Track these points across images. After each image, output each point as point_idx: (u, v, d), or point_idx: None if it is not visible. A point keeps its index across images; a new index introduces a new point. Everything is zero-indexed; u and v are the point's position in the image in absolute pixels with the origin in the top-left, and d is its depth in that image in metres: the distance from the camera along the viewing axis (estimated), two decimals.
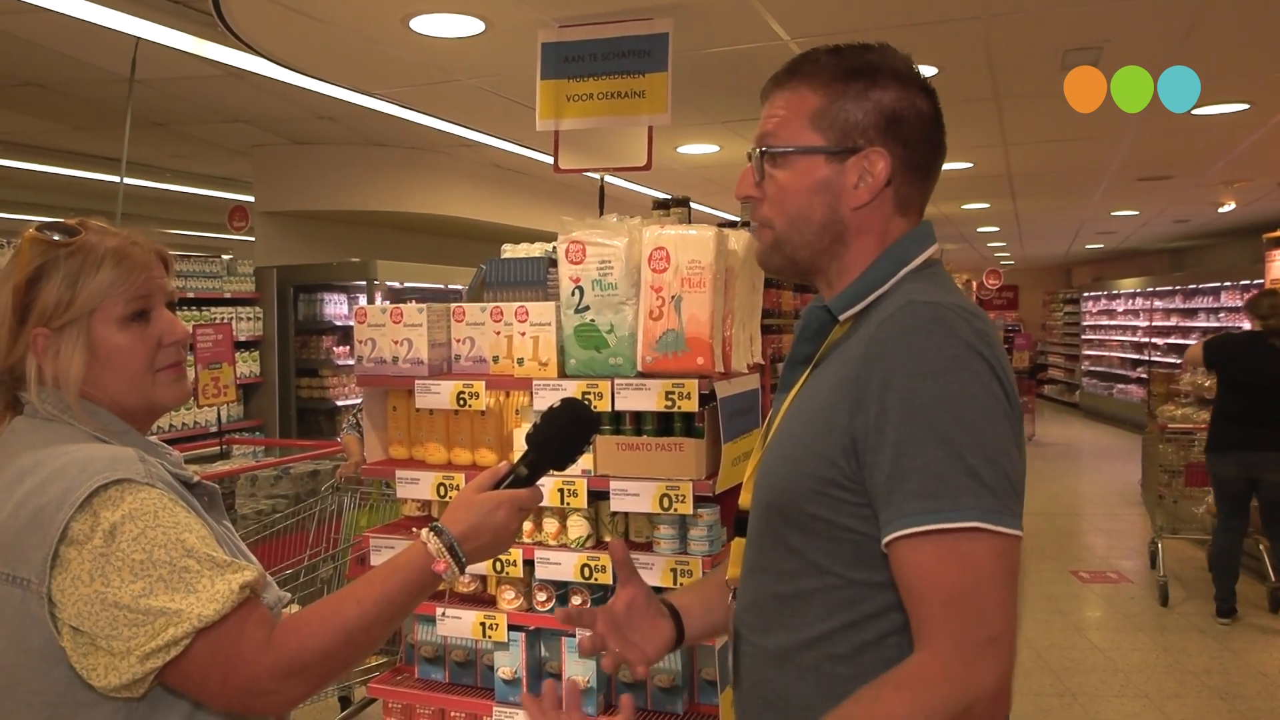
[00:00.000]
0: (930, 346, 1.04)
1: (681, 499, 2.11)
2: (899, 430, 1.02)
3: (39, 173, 7.56)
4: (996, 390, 1.04)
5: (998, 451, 1.02)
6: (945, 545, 1.00)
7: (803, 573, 1.13)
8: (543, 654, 2.41)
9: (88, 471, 1.10)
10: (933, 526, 1.00)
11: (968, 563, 0.99)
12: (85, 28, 3.80)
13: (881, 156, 1.16)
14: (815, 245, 1.20)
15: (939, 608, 1.00)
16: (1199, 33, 3.76)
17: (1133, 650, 5.00)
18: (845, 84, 1.17)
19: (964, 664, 0.98)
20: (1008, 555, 1.00)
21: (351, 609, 1.17)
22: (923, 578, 1.01)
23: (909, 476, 1.01)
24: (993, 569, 0.99)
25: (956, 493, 0.99)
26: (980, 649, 0.98)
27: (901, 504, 1.01)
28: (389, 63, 4.04)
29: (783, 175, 1.20)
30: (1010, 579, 1.00)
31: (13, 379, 1.23)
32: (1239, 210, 9.58)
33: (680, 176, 7.14)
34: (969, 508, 0.99)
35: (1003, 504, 1.00)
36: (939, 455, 1.00)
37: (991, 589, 0.99)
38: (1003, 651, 0.99)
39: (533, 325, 2.24)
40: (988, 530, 0.99)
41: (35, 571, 1.07)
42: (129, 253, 1.24)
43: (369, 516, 3.92)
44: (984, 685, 0.98)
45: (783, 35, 3.64)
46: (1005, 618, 0.99)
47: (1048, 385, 18.64)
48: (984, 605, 0.99)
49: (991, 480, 1.00)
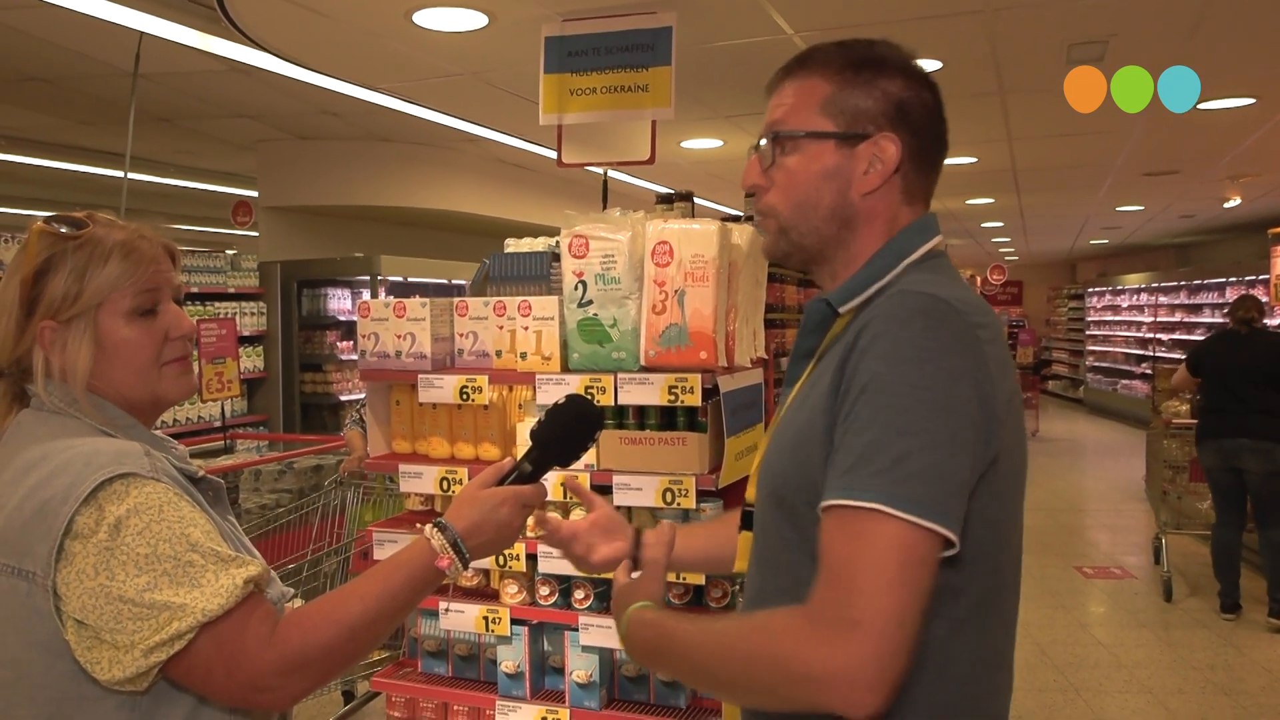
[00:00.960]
0: (905, 335, 1.04)
1: (684, 493, 2.11)
2: (849, 409, 1.03)
3: (43, 168, 7.58)
4: (962, 390, 1.02)
5: (933, 445, 0.99)
6: (846, 520, 0.99)
7: (801, 563, 1.13)
8: (546, 648, 2.41)
9: (93, 465, 1.10)
10: (841, 501, 0.99)
11: (859, 542, 0.97)
12: (89, 23, 3.81)
13: (892, 141, 1.17)
14: (823, 231, 1.20)
15: (822, 576, 0.99)
16: (1205, 27, 3.74)
17: (1136, 646, 5.00)
18: (854, 73, 1.18)
19: (818, 633, 0.96)
20: (909, 548, 0.96)
21: (354, 605, 1.17)
22: (823, 548, 1.01)
23: (840, 452, 1.02)
24: (880, 554, 0.96)
25: (872, 473, 0.98)
26: (840, 628, 0.95)
27: (831, 476, 1.02)
28: (392, 57, 4.04)
29: (792, 161, 1.20)
30: (902, 573, 0.95)
31: (19, 371, 1.23)
32: (1245, 205, 9.56)
33: (684, 171, 7.14)
34: (877, 488, 0.98)
35: (920, 495, 0.97)
36: (870, 436, 1.00)
37: (870, 573, 0.95)
38: (863, 640, 0.93)
39: (536, 320, 2.24)
40: (889, 515, 0.96)
41: (40, 564, 1.07)
42: (137, 246, 1.24)
43: (373, 511, 3.93)
44: (832, 666, 0.94)
45: (786, 29, 3.63)
46: (876, 606, 0.94)
47: (1052, 381, 18.62)
48: (856, 586, 0.95)
49: (917, 469, 0.98)
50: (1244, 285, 10.93)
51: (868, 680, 0.93)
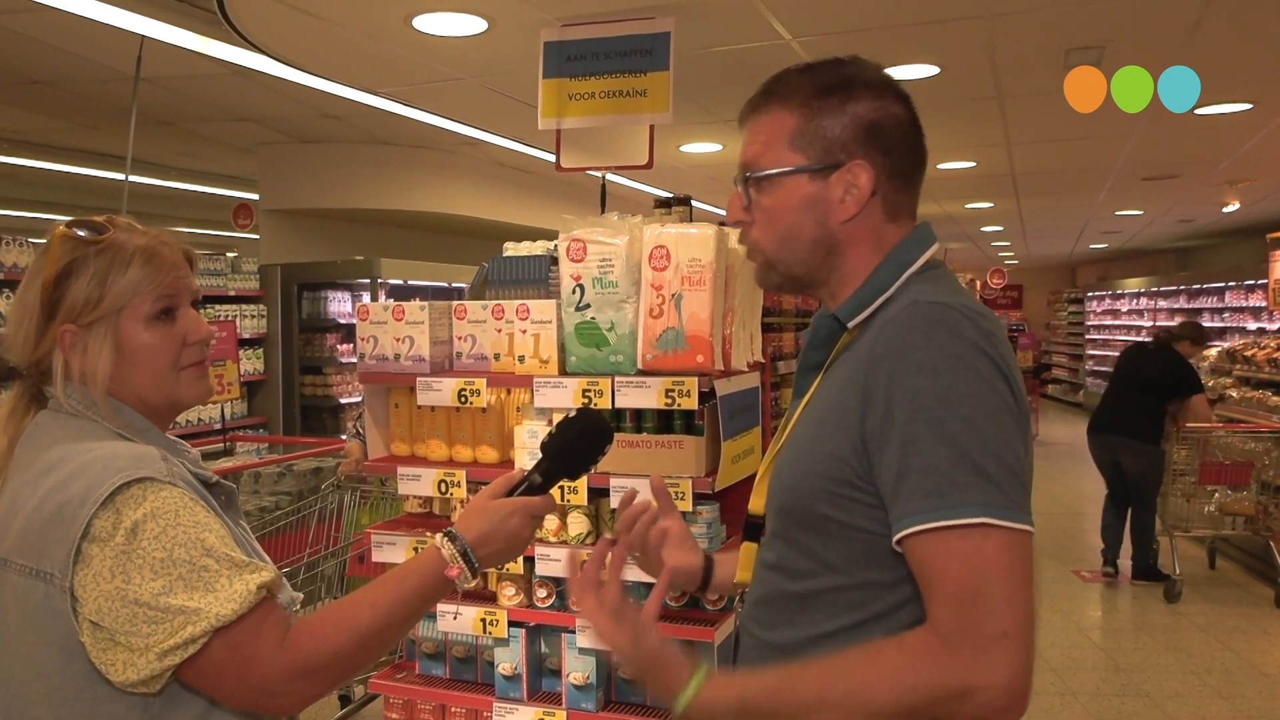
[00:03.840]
0: (933, 345, 1.05)
1: (681, 496, 2.12)
2: (904, 430, 1.03)
3: (45, 170, 7.59)
4: (1000, 387, 1.05)
5: (1001, 447, 1.02)
6: (952, 542, 1.00)
7: (815, 573, 1.15)
8: (543, 650, 2.42)
9: (111, 469, 1.11)
10: (939, 524, 1.00)
11: (976, 558, 0.99)
12: (91, 26, 3.83)
13: (864, 169, 1.17)
14: (809, 261, 1.22)
15: (948, 601, 1.01)
16: (1202, 32, 3.76)
17: (1134, 650, 5.01)
18: (821, 100, 1.18)
19: (964, 654, 0.99)
20: (1017, 550, 1.00)
21: (364, 613, 1.18)
22: (933, 574, 1.02)
23: (914, 475, 1.02)
24: (1002, 564, 0.99)
25: (962, 489, 1.00)
26: (990, 643, 0.98)
27: (908, 502, 1.03)
28: (392, 61, 4.06)
29: (769, 199, 1.21)
30: (1022, 574, 1.00)
31: (39, 374, 1.24)
32: (1243, 210, 9.57)
33: (682, 175, 7.15)
34: (974, 504, 1.00)
35: (1009, 499, 1.01)
36: (943, 453, 1.01)
37: (1001, 584, 0.99)
38: (1015, 647, 0.98)
39: (534, 323, 2.25)
40: (995, 525, 0.99)
41: (58, 566, 1.09)
42: (158, 251, 1.25)
43: (370, 514, 3.93)
44: (992, 678, 0.98)
45: (784, 34, 3.64)
46: (1016, 613, 0.99)
47: (1052, 385, 18.60)
48: (993, 601, 0.99)
49: (997, 476, 1.01)
50: (1243, 289, 10.95)
51: (1025, 685, 1.00)
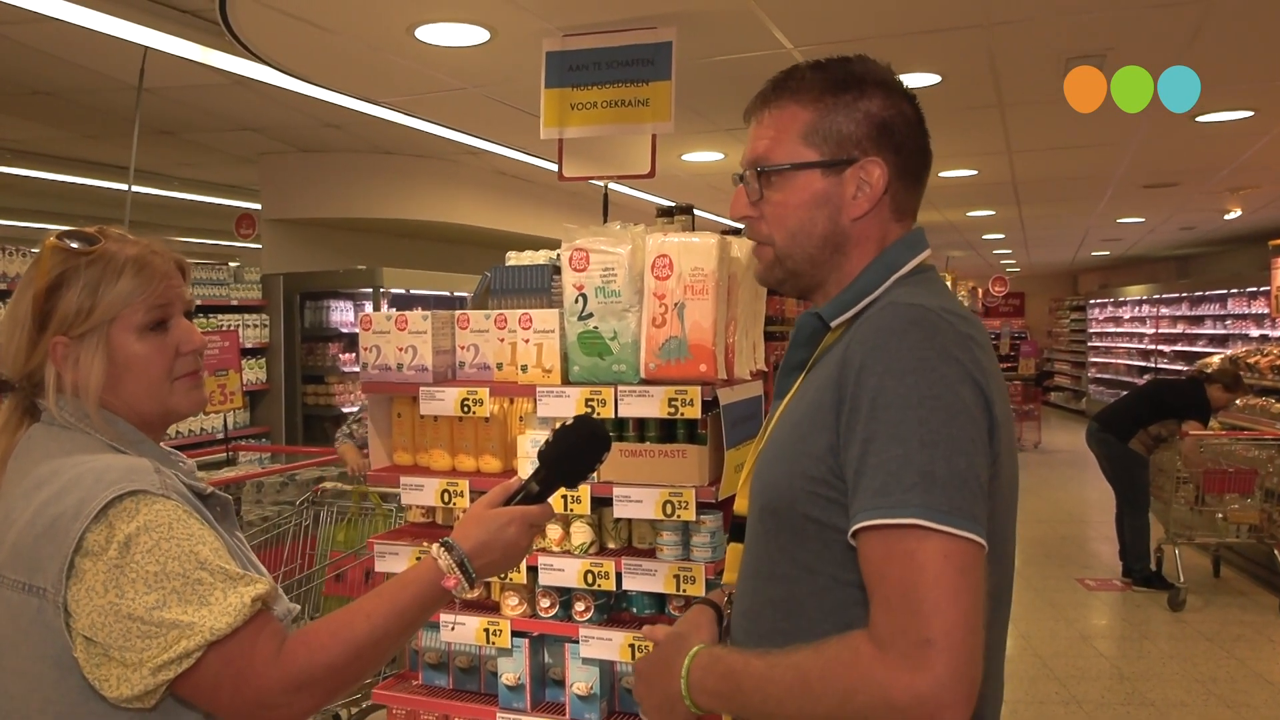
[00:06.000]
0: (903, 347, 1.05)
1: (684, 505, 2.12)
2: (866, 428, 1.04)
3: (48, 180, 7.61)
4: (965, 392, 1.04)
5: (954, 452, 1.00)
6: (890, 541, 0.99)
7: (795, 576, 1.14)
8: (546, 660, 2.41)
9: (104, 482, 1.11)
10: (879, 521, 1.00)
11: (909, 561, 0.97)
12: (94, 37, 3.84)
13: (877, 165, 1.18)
14: (817, 258, 1.22)
15: (882, 604, 0.99)
16: (1202, 40, 3.76)
17: (1139, 658, 4.99)
18: (835, 96, 1.18)
19: (892, 659, 0.96)
20: (955, 557, 0.97)
21: (361, 624, 1.18)
22: (873, 573, 1.01)
23: (869, 472, 1.02)
24: (934, 569, 0.96)
25: (906, 489, 0.99)
26: (914, 649, 0.94)
27: (860, 499, 1.02)
28: (395, 71, 4.07)
29: (780, 194, 1.21)
30: (955, 581, 0.96)
31: (31, 386, 1.23)
32: (1245, 217, 9.57)
33: (684, 184, 7.16)
34: (914, 505, 0.98)
35: (953, 504, 0.98)
36: (895, 452, 1.01)
37: (931, 590, 0.95)
38: (942, 657, 0.93)
39: (536, 332, 2.25)
40: (931, 529, 0.97)
41: (51, 581, 1.08)
42: (149, 261, 1.24)
43: (346, 531, 3.87)
44: (912, 687, 0.94)
45: (786, 44, 3.65)
46: (944, 621, 0.94)
47: (1054, 392, 18.59)
48: (921, 606, 0.95)
49: (944, 479, 0.99)
50: (1245, 296, 10.94)
51: (951, 698, 0.93)
